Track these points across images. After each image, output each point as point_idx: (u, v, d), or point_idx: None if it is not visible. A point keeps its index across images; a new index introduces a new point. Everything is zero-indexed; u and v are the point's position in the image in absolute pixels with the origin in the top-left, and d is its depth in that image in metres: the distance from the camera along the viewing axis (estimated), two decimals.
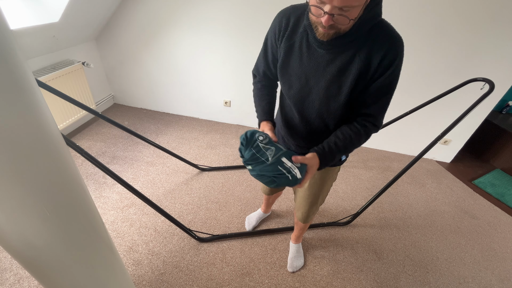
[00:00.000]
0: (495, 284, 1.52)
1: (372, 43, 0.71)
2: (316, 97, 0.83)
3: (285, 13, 0.83)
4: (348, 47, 0.73)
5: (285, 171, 0.76)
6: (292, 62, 0.83)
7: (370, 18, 0.68)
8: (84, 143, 2.32)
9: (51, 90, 1.25)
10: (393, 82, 0.76)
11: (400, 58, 0.73)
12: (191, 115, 2.86)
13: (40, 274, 0.65)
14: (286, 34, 0.82)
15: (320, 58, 0.77)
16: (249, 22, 2.12)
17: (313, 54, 0.78)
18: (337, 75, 0.76)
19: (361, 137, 0.83)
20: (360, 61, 0.73)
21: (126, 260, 1.46)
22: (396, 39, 0.71)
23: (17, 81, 0.44)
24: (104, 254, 0.77)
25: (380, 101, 0.79)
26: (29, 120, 0.47)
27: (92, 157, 1.09)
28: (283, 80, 0.88)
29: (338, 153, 0.82)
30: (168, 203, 1.82)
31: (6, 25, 0.43)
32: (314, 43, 0.76)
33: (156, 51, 2.47)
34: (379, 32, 0.71)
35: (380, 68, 0.73)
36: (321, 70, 0.78)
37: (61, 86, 2.07)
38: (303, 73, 0.82)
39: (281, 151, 0.78)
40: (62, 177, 0.57)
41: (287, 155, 0.78)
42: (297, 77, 0.83)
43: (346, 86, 0.76)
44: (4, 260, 1.41)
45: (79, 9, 1.94)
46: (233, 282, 1.40)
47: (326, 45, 0.74)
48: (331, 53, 0.76)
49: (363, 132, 0.82)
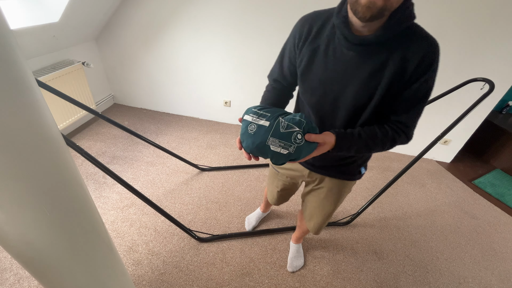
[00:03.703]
0: (495, 284, 1.52)
1: (408, 46, 0.66)
2: (341, 105, 0.77)
3: (308, 19, 0.79)
4: (380, 50, 0.68)
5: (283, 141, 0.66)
6: (316, 67, 0.77)
7: (405, 18, 0.64)
8: (84, 143, 2.32)
9: (51, 90, 1.25)
10: (428, 89, 0.70)
11: (437, 63, 0.68)
12: (191, 115, 2.86)
13: (40, 274, 0.65)
14: (309, 39, 0.77)
15: (348, 62, 0.72)
16: (249, 22, 2.11)
17: (340, 58, 0.72)
18: (367, 80, 0.70)
19: (388, 140, 0.76)
20: (394, 65, 0.67)
21: (126, 260, 1.46)
22: (434, 42, 0.67)
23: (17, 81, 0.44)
24: (104, 254, 0.77)
25: (414, 109, 0.73)
26: (29, 120, 0.47)
27: (92, 157, 1.08)
28: (305, 87, 0.82)
29: (357, 144, 0.75)
30: (168, 203, 1.82)
31: (6, 25, 0.43)
32: (344, 44, 0.70)
33: (156, 51, 2.47)
34: (415, 34, 0.67)
35: (416, 73, 0.67)
36: (348, 75, 0.72)
37: (61, 86, 2.07)
38: (328, 79, 0.75)
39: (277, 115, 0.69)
40: (62, 177, 0.57)
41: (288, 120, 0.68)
42: (320, 83, 0.77)
43: (377, 93, 0.71)
44: (4, 260, 1.41)
45: (79, 9, 1.94)
46: (233, 282, 1.40)
47: (357, 47, 0.69)
48: (361, 56, 0.70)
49: (391, 135, 0.75)
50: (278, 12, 2.02)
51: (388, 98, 0.72)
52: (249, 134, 0.69)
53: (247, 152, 0.73)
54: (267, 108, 0.71)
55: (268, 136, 0.67)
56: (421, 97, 0.71)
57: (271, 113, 0.69)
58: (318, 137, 0.69)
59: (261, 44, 2.19)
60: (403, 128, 0.76)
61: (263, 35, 2.15)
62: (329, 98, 0.78)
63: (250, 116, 0.71)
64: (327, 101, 0.79)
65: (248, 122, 0.70)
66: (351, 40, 0.68)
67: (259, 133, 0.68)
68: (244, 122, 0.72)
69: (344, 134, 0.74)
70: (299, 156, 0.68)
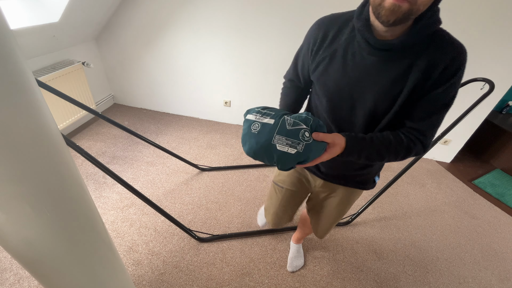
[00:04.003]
0: (495, 284, 1.52)
1: (434, 51, 0.62)
2: (360, 111, 0.73)
3: (323, 24, 0.75)
4: (404, 55, 0.64)
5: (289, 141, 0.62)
6: (333, 72, 0.73)
7: (432, 23, 0.60)
8: (84, 143, 2.32)
9: (51, 90, 1.25)
10: (452, 96, 0.66)
11: (464, 69, 0.64)
12: (191, 115, 2.86)
13: (40, 274, 0.65)
14: (325, 44, 0.73)
15: (369, 67, 0.68)
16: (249, 22, 2.11)
17: (360, 63, 0.69)
18: (389, 86, 0.67)
19: (402, 148, 0.71)
20: (418, 71, 0.63)
21: (126, 260, 1.46)
22: (461, 47, 0.63)
23: (17, 81, 0.44)
24: (104, 254, 0.77)
25: (434, 116, 0.68)
26: (29, 120, 0.47)
27: (92, 157, 1.08)
28: (321, 93, 0.78)
29: (368, 150, 0.70)
30: (168, 203, 1.82)
31: (6, 25, 0.43)
32: (365, 49, 0.67)
33: (156, 51, 2.47)
34: (442, 39, 0.63)
35: (442, 78, 0.63)
36: (369, 81, 0.68)
37: (61, 86, 2.07)
38: (346, 85, 0.71)
39: (282, 114, 0.65)
40: (62, 177, 0.57)
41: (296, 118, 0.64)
42: (338, 89, 0.73)
43: (399, 100, 0.67)
44: (4, 260, 1.41)
45: (79, 9, 1.94)
46: (233, 282, 1.40)
47: (379, 52, 0.65)
48: (383, 61, 0.66)
49: (405, 143, 0.70)
50: (278, 12, 2.02)
51: (409, 105, 0.68)
52: (253, 133, 0.65)
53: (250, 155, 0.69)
54: (270, 108, 0.68)
55: (274, 134, 0.62)
56: (444, 104, 0.67)
57: (275, 112, 0.66)
58: (327, 136, 0.65)
59: (261, 44, 2.19)
60: (419, 136, 0.70)
61: (263, 35, 2.15)
62: (347, 104, 0.74)
63: (253, 115, 0.67)
64: (344, 107, 0.75)
65: (251, 121, 0.66)
66: (374, 44, 0.64)
67: (263, 131, 0.63)
68: (246, 122, 0.68)
69: (355, 137, 0.70)
70: (308, 156, 0.63)
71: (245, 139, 0.67)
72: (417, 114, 0.69)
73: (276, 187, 1.10)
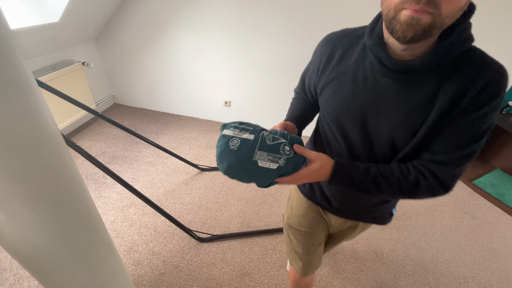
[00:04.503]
0: (495, 284, 1.52)
1: (465, 73, 0.51)
2: (375, 141, 0.64)
3: (330, 40, 0.67)
4: (428, 78, 0.53)
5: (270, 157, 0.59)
6: (341, 97, 0.64)
7: (462, 39, 0.51)
8: (84, 143, 2.32)
9: (51, 90, 1.25)
10: (486, 128, 0.53)
11: (503, 96, 0.51)
12: (191, 115, 2.86)
13: (40, 274, 0.65)
14: (332, 63, 0.66)
15: (384, 91, 0.58)
16: (249, 22, 2.11)
17: (373, 86, 0.59)
18: (410, 115, 0.56)
19: (407, 181, 0.59)
20: (446, 96, 0.52)
21: (126, 260, 1.46)
22: (501, 69, 0.51)
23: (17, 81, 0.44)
24: (104, 254, 0.77)
25: (459, 149, 0.54)
26: (29, 120, 0.47)
27: (92, 157, 1.09)
28: (329, 119, 0.69)
29: (361, 180, 0.61)
30: (168, 203, 1.82)
31: (6, 25, 0.43)
32: (378, 70, 0.57)
33: (156, 51, 2.47)
34: (475, 59, 0.52)
35: (476, 102, 0.51)
36: (384, 107, 0.59)
37: (61, 86, 2.07)
38: (357, 112, 0.62)
39: (260, 129, 0.62)
40: (62, 177, 0.57)
41: (273, 134, 0.61)
42: (349, 116, 0.64)
43: (422, 131, 0.56)
44: (4, 260, 1.41)
45: (79, 9, 1.94)
46: (233, 282, 1.40)
47: (396, 73, 0.55)
48: (401, 84, 0.56)
49: (413, 177, 0.58)
50: (278, 12, 2.02)
51: (431, 136, 0.56)
52: (231, 150, 0.60)
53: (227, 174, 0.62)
54: (247, 123, 0.64)
55: (255, 150, 0.58)
56: (474, 136, 0.53)
57: (253, 127, 0.62)
58: (310, 153, 0.61)
59: (261, 44, 2.19)
60: (436, 169, 0.57)
61: (263, 35, 2.15)
62: (359, 134, 0.65)
63: (231, 130, 0.62)
64: (357, 136, 0.66)
65: (229, 137, 0.61)
66: (389, 65, 0.55)
67: (243, 147, 0.59)
68: (223, 139, 0.62)
69: (346, 164, 0.62)
70: (288, 169, 0.60)
71: (223, 157, 0.61)
72: (437, 146, 0.56)
73: (292, 231, 0.96)
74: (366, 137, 0.64)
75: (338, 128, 0.68)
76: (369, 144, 0.65)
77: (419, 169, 0.59)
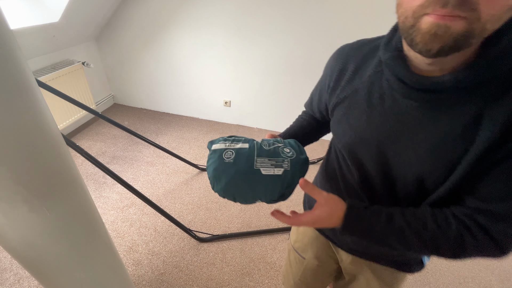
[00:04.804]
0: (495, 284, 1.52)
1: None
2: (397, 177, 0.50)
3: (343, 52, 0.57)
4: (466, 98, 0.40)
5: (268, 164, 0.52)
6: (354, 120, 0.53)
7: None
8: (84, 143, 2.32)
9: (51, 90, 1.25)
10: None
11: None
12: (191, 115, 2.86)
13: (40, 274, 0.65)
14: (343, 80, 0.56)
15: (406, 116, 0.46)
16: (249, 22, 2.11)
17: (391, 108, 0.47)
18: (443, 146, 0.43)
19: (446, 237, 0.44)
20: (494, 124, 0.38)
21: (126, 260, 1.46)
22: None
23: (17, 81, 0.44)
24: (104, 254, 0.77)
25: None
26: (29, 120, 0.47)
27: (92, 157, 1.09)
28: (340, 144, 0.59)
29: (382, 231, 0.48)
30: (168, 203, 1.82)
31: (6, 25, 0.43)
32: (398, 89, 0.46)
33: (156, 51, 2.47)
34: None
35: None
36: (407, 135, 0.46)
37: (61, 86, 2.07)
38: (373, 140, 0.50)
39: (251, 139, 0.57)
40: (62, 177, 0.57)
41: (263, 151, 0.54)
42: (362, 144, 0.52)
43: (461, 167, 0.42)
44: (4, 260, 1.41)
45: (79, 9, 1.94)
46: (233, 282, 1.40)
47: (421, 94, 0.43)
48: (429, 107, 0.43)
49: (455, 231, 0.44)
50: (278, 12, 2.02)
51: (475, 174, 0.42)
52: (227, 163, 0.52)
53: (224, 196, 0.55)
54: (235, 136, 0.59)
55: (254, 157, 0.52)
56: None
57: (244, 138, 0.57)
58: (320, 194, 0.49)
59: (261, 44, 2.19)
60: (488, 223, 0.42)
61: (263, 35, 2.15)
62: (375, 165, 0.52)
63: (221, 143, 0.56)
64: (373, 169, 0.53)
65: (221, 151, 0.54)
66: (411, 83, 0.43)
67: (241, 157, 0.52)
68: (214, 154, 0.55)
69: (361, 210, 0.49)
70: (295, 171, 0.52)
71: (218, 174, 0.53)
72: (487, 190, 0.42)
73: (295, 255, 0.85)
74: (385, 171, 0.51)
75: (351, 156, 0.56)
76: (389, 180, 0.52)
77: (462, 221, 0.44)
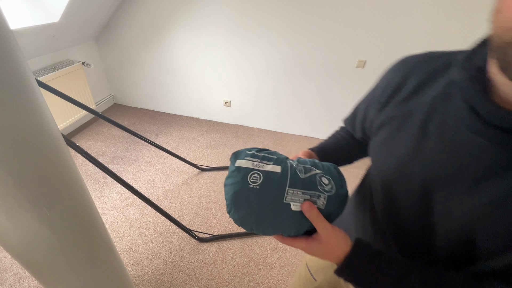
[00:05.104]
0: None
1: None
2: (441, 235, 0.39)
3: (406, 64, 0.46)
4: None
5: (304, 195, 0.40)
6: (399, 147, 0.43)
7: None
8: (84, 143, 2.32)
9: (51, 90, 1.25)
10: None
11: None
12: (191, 115, 2.86)
13: (40, 274, 0.65)
14: (399, 97, 0.45)
15: (471, 157, 0.35)
16: (250, 22, 2.11)
17: (453, 142, 0.37)
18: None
19: None
20: None
21: (126, 260, 1.46)
22: None
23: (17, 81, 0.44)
24: (104, 254, 0.77)
25: None
26: (29, 120, 0.47)
27: (92, 157, 1.09)
28: (374, 171, 0.50)
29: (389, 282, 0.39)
30: (168, 203, 1.82)
31: (6, 25, 0.43)
32: (468, 121, 0.35)
33: (156, 51, 2.47)
34: None
35: None
36: (468, 182, 0.36)
37: (61, 86, 2.07)
38: (417, 175, 0.41)
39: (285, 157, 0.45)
40: (62, 177, 0.57)
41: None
42: (403, 179, 0.43)
43: None
44: (4, 260, 1.41)
45: (79, 9, 1.94)
46: (233, 282, 1.40)
47: (500, 133, 0.32)
48: (507, 150, 0.33)
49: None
50: (278, 12, 2.02)
51: None
52: (252, 190, 0.41)
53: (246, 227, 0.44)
54: (266, 150, 0.46)
55: (286, 188, 0.40)
56: None
57: (276, 155, 0.44)
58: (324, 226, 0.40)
59: (261, 44, 2.19)
60: None
61: (263, 35, 2.15)
62: (414, 208, 0.42)
63: (249, 160, 0.43)
64: (410, 212, 0.43)
65: (246, 171, 0.42)
66: (489, 117, 0.33)
67: (269, 185, 0.40)
68: (237, 173, 0.42)
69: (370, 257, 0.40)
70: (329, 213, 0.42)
71: (238, 200, 0.42)
72: None
73: (307, 274, 0.76)
74: (425, 219, 0.41)
75: (383, 189, 0.46)
76: (428, 232, 0.41)
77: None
